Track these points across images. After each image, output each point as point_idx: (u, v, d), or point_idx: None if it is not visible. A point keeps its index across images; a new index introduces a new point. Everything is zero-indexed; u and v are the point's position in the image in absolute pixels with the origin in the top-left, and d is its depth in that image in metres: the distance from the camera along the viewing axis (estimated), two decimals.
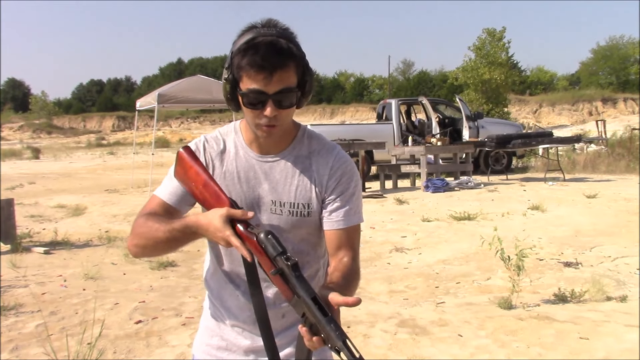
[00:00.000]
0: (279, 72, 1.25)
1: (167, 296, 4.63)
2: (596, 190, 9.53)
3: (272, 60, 1.24)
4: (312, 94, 1.36)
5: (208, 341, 1.49)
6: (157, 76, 63.97)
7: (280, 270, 1.16)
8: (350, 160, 1.44)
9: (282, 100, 1.28)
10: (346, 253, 1.37)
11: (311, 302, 1.11)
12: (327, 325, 1.08)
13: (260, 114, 1.29)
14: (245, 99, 1.28)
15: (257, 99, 1.27)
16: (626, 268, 5.25)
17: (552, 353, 3.36)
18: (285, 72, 1.26)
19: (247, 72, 1.25)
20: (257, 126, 1.32)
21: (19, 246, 6.26)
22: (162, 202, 1.39)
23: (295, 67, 1.28)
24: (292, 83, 1.28)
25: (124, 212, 9.03)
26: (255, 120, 1.31)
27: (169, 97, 12.25)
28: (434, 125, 14.31)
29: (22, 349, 3.53)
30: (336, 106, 46.85)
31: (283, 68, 1.25)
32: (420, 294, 4.70)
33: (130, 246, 1.37)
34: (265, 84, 1.25)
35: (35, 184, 14.23)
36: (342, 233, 1.38)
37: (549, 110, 36.84)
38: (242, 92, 1.28)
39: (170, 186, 1.40)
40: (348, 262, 1.35)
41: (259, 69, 1.24)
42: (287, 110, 1.30)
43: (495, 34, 24.69)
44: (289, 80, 1.27)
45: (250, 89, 1.26)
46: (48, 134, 45.85)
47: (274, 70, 1.24)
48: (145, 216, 1.35)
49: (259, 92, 1.26)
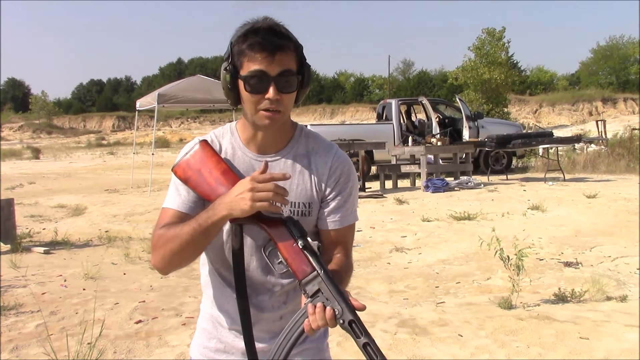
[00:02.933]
0: (280, 53, 1.25)
1: (167, 296, 4.63)
2: (596, 190, 9.53)
3: (273, 40, 1.25)
4: (309, 87, 1.35)
5: (206, 344, 1.48)
6: (157, 76, 63.98)
7: (305, 244, 1.21)
8: (349, 160, 1.44)
9: (284, 83, 1.27)
10: (340, 250, 1.39)
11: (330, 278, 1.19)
12: (344, 301, 1.15)
13: (262, 99, 1.27)
14: (247, 83, 1.27)
15: (259, 81, 1.26)
16: (626, 268, 5.25)
17: (552, 353, 3.36)
18: (286, 54, 1.27)
19: (248, 55, 1.26)
20: (258, 114, 1.30)
21: (19, 246, 6.26)
22: (176, 212, 1.34)
23: (294, 52, 1.29)
24: (293, 67, 1.28)
25: (124, 212, 9.03)
26: (257, 106, 1.29)
27: (169, 97, 12.25)
28: (434, 125, 14.30)
29: (22, 349, 3.53)
30: (336, 106, 46.85)
31: (283, 49, 1.26)
32: (420, 294, 4.69)
33: (156, 263, 1.33)
34: (267, 63, 1.25)
35: (35, 184, 14.24)
36: (338, 232, 1.40)
37: (549, 110, 36.85)
38: (244, 76, 1.27)
39: (180, 195, 1.36)
40: (342, 258, 1.37)
41: (261, 48, 1.24)
42: (288, 96, 1.30)
43: (495, 34, 24.70)
44: (290, 62, 1.28)
45: (252, 71, 1.26)
46: (48, 134, 45.88)
47: (275, 50, 1.25)
48: (162, 229, 1.32)
49: (261, 73, 1.25)
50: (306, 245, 1.22)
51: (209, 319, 1.48)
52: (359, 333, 1.14)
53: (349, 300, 1.17)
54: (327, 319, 1.15)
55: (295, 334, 1.21)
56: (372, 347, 1.13)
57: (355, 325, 1.14)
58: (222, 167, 1.32)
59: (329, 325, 1.17)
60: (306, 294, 1.19)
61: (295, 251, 1.22)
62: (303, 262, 1.21)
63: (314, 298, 1.18)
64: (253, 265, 1.38)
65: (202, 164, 1.33)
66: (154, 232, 1.35)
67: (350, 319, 1.15)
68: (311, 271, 1.20)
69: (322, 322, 1.16)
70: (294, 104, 1.35)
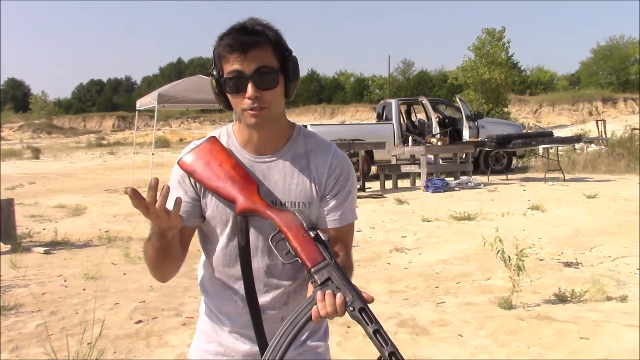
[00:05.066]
0: (252, 50, 1.26)
1: (167, 296, 4.63)
2: (596, 190, 9.53)
3: (243, 39, 1.25)
4: (298, 79, 1.34)
5: (205, 347, 1.48)
6: (157, 76, 63.96)
7: (316, 234, 1.24)
8: (348, 159, 1.45)
9: (262, 80, 1.27)
10: (340, 249, 1.40)
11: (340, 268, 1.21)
12: (354, 289, 1.18)
13: (243, 98, 1.28)
14: (227, 85, 1.28)
15: (237, 81, 1.27)
16: (626, 268, 5.25)
17: (552, 353, 3.36)
18: (260, 51, 1.26)
19: (224, 57, 1.27)
20: (244, 114, 1.30)
21: (19, 246, 6.26)
22: None
23: (271, 47, 1.28)
24: (270, 63, 1.28)
25: (124, 212, 9.02)
26: (240, 107, 1.30)
27: (169, 97, 12.25)
28: (434, 125, 14.30)
29: (22, 349, 3.53)
30: (336, 106, 46.82)
31: (255, 46, 1.26)
32: (420, 294, 4.69)
33: (152, 275, 1.41)
34: (240, 62, 1.26)
35: (35, 184, 14.23)
36: (338, 231, 1.40)
37: (549, 110, 36.84)
38: (224, 79, 1.28)
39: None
40: (342, 256, 1.38)
41: (232, 48, 1.25)
42: (270, 92, 1.28)
43: (494, 34, 24.69)
44: (266, 59, 1.27)
45: (229, 72, 1.27)
46: (48, 134, 45.85)
47: (247, 48, 1.25)
48: (146, 243, 1.36)
49: (237, 72, 1.26)
50: (317, 236, 1.24)
51: (208, 322, 1.48)
52: (368, 320, 1.15)
53: (359, 290, 1.19)
54: (337, 306, 1.16)
55: (302, 320, 1.21)
56: (382, 334, 1.14)
57: (365, 312, 1.16)
58: (232, 162, 1.34)
59: (339, 313, 1.17)
60: (315, 282, 1.20)
61: (306, 241, 1.24)
62: (313, 251, 1.23)
63: (323, 286, 1.19)
64: (255, 267, 1.37)
65: (212, 157, 1.34)
66: (145, 242, 1.39)
67: (361, 306, 1.16)
68: (322, 260, 1.21)
69: (332, 308, 1.17)
70: (285, 99, 1.34)
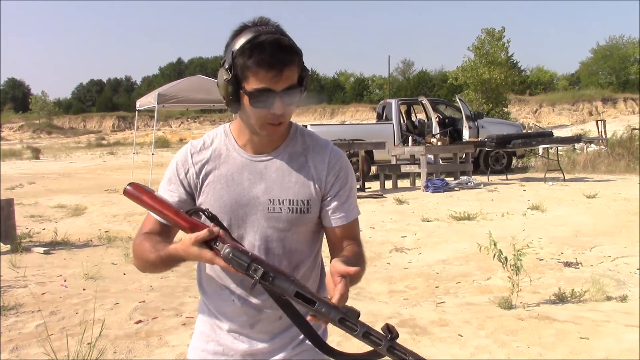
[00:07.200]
0: (287, 69, 1.26)
1: (167, 296, 4.63)
2: (596, 190, 9.53)
3: (280, 57, 1.24)
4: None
5: (204, 347, 1.48)
6: (157, 76, 63.94)
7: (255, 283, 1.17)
8: (344, 155, 1.47)
9: (289, 97, 1.28)
10: (350, 242, 1.42)
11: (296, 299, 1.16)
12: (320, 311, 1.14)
13: (268, 113, 1.29)
14: (252, 98, 1.27)
15: (265, 97, 1.26)
16: (626, 268, 5.25)
17: (552, 353, 3.36)
18: (291, 69, 1.27)
19: (254, 71, 1.25)
20: (263, 126, 1.32)
21: (19, 246, 6.26)
22: (156, 221, 1.39)
23: (298, 63, 1.29)
24: (296, 79, 1.29)
25: (124, 212, 9.02)
26: (261, 121, 1.31)
27: (169, 97, 12.26)
28: (434, 125, 14.31)
29: (22, 349, 3.53)
30: (336, 106, 46.84)
31: (290, 65, 1.26)
32: (420, 294, 4.69)
33: (134, 263, 1.42)
34: (274, 82, 1.25)
35: (35, 184, 14.23)
36: (346, 228, 1.42)
37: (549, 110, 36.85)
38: (249, 92, 1.26)
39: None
40: (354, 246, 1.41)
41: (269, 67, 1.24)
42: (291, 107, 1.32)
43: (494, 34, 24.72)
44: (294, 76, 1.28)
45: (258, 88, 1.25)
46: (48, 134, 45.89)
47: (283, 68, 1.25)
48: (141, 236, 1.38)
49: (268, 91, 1.26)
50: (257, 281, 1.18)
51: (207, 322, 1.48)
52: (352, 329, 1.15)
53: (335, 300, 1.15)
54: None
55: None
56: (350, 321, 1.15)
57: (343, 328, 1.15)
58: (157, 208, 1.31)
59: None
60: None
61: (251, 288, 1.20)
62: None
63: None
64: None
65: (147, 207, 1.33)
66: (137, 233, 1.40)
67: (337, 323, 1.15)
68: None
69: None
70: None
